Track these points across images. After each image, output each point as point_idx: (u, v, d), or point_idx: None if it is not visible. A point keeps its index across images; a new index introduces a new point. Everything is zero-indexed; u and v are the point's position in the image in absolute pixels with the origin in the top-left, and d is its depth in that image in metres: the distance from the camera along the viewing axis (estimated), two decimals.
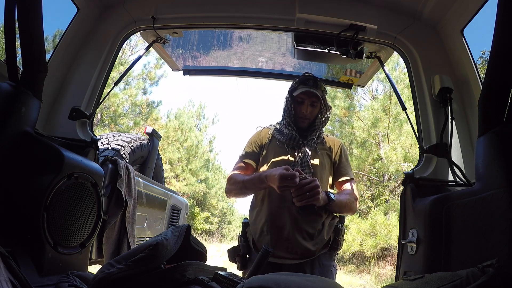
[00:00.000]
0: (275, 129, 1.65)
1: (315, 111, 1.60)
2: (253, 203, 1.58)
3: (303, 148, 1.54)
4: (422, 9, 1.49)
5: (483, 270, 0.69)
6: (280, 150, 1.57)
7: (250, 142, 1.68)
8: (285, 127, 1.61)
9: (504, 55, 0.85)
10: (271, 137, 1.65)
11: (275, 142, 1.61)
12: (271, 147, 1.61)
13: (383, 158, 9.00)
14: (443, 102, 1.42)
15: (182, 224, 0.86)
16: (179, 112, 17.41)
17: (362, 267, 8.70)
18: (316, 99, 1.56)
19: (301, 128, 1.61)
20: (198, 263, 0.81)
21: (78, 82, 1.55)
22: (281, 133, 1.60)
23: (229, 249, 1.54)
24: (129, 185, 1.97)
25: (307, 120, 1.60)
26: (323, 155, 1.60)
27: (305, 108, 1.57)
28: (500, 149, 0.84)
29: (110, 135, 3.09)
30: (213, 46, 1.90)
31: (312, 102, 1.57)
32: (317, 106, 1.59)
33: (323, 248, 1.44)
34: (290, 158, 1.54)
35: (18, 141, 1.09)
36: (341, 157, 1.65)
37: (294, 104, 1.60)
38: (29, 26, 1.07)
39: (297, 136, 1.56)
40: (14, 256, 0.73)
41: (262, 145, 1.64)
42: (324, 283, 0.70)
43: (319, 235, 1.42)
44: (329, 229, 1.46)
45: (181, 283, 0.73)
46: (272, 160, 1.56)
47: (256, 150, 1.63)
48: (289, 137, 1.57)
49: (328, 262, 1.46)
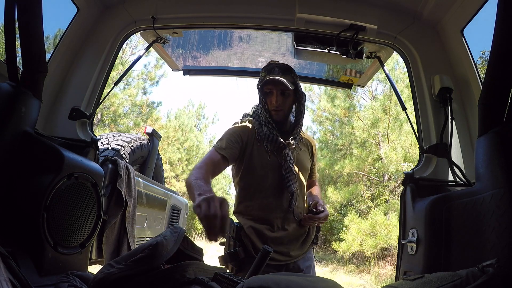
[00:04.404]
0: (257, 125, 1.48)
1: (288, 101, 1.45)
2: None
3: (285, 151, 1.42)
4: (422, 9, 1.49)
5: (483, 270, 0.69)
6: (263, 154, 1.44)
7: (231, 134, 1.44)
8: (264, 125, 1.46)
9: (504, 55, 0.85)
10: (255, 136, 1.47)
11: (258, 142, 1.45)
12: (256, 148, 1.45)
13: (383, 158, 8.99)
14: (443, 102, 1.42)
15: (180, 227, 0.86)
16: (179, 112, 17.40)
17: (362, 267, 8.69)
18: (285, 87, 1.40)
19: (279, 123, 1.47)
20: (198, 263, 0.81)
21: (78, 82, 1.55)
22: (261, 132, 1.45)
23: (223, 256, 1.41)
24: (129, 185, 1.97)
25: (280, 112, 1.45)
26: (304, 154, 1.55)
27: (275, 99, 1.42)
28: (500, 149, 0.84)
29: (110, 135, 3.09)
30: (213, 46, 1.90)
31: (281, 91, 1.42)
32: (289, 95, 1.44)
33: (311, 245, 1.53)
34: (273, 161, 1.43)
35: (18, 141, 1.09)
36: (315, 155, 1.63)
37: (264, 98, 1.46)
38: (29, 26, 1.07)
39: (278, 137, 1.43)
40: (14, 256, 0.73)
41: (246, 142, 1.45)
42: (324, 283, 0.70)
43: (308, 235, 1.49)
44: (313, 228, 1.53)
45: (181, 283, 0.73)
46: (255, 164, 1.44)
47: (238, 144, 1.41)
48: (270, 139, 1.43)
49: (311, 254, 1.56)
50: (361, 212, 9.43)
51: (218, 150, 1.36)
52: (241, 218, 1.46)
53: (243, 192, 1.48)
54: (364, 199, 9.80)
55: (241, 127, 1.48)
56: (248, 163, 1.44)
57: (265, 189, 1.43)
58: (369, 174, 9.83)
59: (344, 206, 10.18)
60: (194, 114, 18.47)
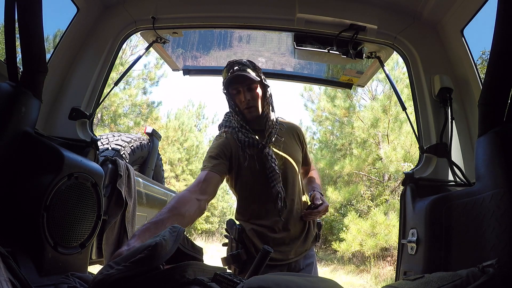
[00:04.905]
0: (234, 133, 1.44)
1: (257, 95, 1.41)
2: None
3: (265, 151, 1.38)
4: (422, 9, 1.49)
5: (483, 270, 0.69)
6: (249, 161, 1.40)
7: (213, 151, 1.41)
8: (238, 131, 1.42)
9: (504, 55, 0.85)
10: (236, 145, 1.42)
11: (240, 151, 1.41)
12: (242, 157, 1.40)
13: (383, 158, 9.00)
14: (443, 102, 1.42)
15: (179, 226, 0.85)
16: (179, 112, 17.43)
17: (362, 267, 8.70)
18: (251, 81, 1.37)
19: (255, 122, 1.43)
20: (197, 264, 0.81)
21: (78, 82, 1.54)
22: (239, 139, 1.41)
23: (226, 257, 1.41)
24: (129, 185, 1.97)
25: (253, 108, 1.41)
26: (292, 144, 1.50)
27: (243, 96, 1.38)
28: (500, 149, 0.84)
29: (110, 135, 3.09)
30: (213, 46, 1.90)
31: (248, 87, 1.38)
32: (255, 88, 1.40)
33: (312, 242, 1.52)
34: (260, 166, 1.39)
35: (18, 141, 1.09)
36: (304, 143, 1.58)
37: (233, 100, 1.42)
38: (29, 26, 1.06)
39: (254, 139, 1.39)
40: (14, 256, 0.73)
41: (231, 154, 1.41)
42: (324, 283, 0.70)
43: (309, 232, 1.49)
44: (314, 225, 1.53)
45: (180, 283, 0.73)
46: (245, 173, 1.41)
47: (222, 159, 1.38)
48: (248, 144, 1.39)
49: (313, 252, 1.55)
50: (361, 212, 9.44)
51: (206, 169, 1.33)
52: (242, 222, 1.46)
53: (240, 202, 1.49)
54: (364, 199, 9.81)
55: (220, 142, 1.44)
56: (238, 173, 1.43)
57: (259, 195, 1.41)
58: (369, 174, 9.84)
59: (344, 206, 10.19)
60: (194, 114, 18.49)
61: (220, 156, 1.38)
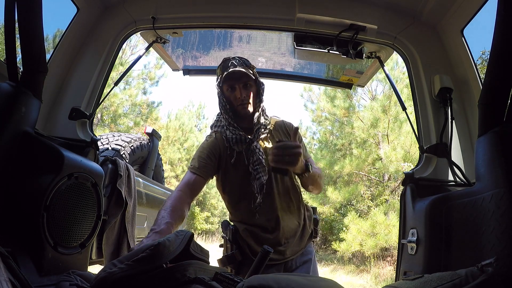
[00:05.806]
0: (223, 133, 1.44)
1: (252, 93, 1.42)
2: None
3: (253, 145, 1.38)
4: (422, 9, 1.49)
5: (482, 269, 0.69)
6: (237, 161, 1.41)
7: (201, 151, 1.43)
8: (226, 129, 1.42)
9: (504, 55, 0.85)
10: (225, 145, 1.43)
11: (228, 151, 1.42)
12: (229, 159, 1.42)
13: (383, 158, 9.00)
14: (443, 102, 1.42)
15: (187, 230, 0.87)
16: (179, 112, 17.43)
17: (362, 267, 8.70)
18: (247, 78, 1.38)
19: (246, 120, 1.43)
20: (199, 263, 0.81)
21: (78, 82, 1.54)
22: (227, 137, 1.42)
23: (221, 258, 1.42)
24: (129, 185, 1.97)
25: (247, 105, 1.40)
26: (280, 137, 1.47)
27: (239, 92, 1.38)
28: (500, 149, 0.84)
29: (110, 135, 3.09)
30: (213, 46, 1.90)
31: (244, 84, 1.39)
32: (251, 85, 1.41)
33: (309, 240, 1.51)
34: (246, 162, 1.40)
35: (18, 141, 1.09)
36: (299, 140, 1.51)
37: (226, 97, 1.42)
38: (29, 26, 1.06)
39: (242, 134, 1.39)
40: (14, 256, 0.72)
41: (219, 155, 1.42)
42: (324, 282, 0.71)
43: (304, 229, 1.48)
44: (310, 222, 1.52)
45: (181, 282, 0.73)
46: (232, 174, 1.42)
47: (210, 161, 1.40)
48: (235, 140, 1.39)
49: (311, 248, 1.54)
50: (361, 212, 9.44)
51: (192, 170, 1.37)
52: (236, 223, 1.47)
53: (230, 203, 1.49)
54: (364, 199, 9.81)
55: (210, 142, 1.45)
56: (226, 174, 1.44)
57: (247, 195, 1.41)
58: (369, 174, 9.84)
59: (344, 206, 10.19)
60: (194, 114, 18.49)
61: (209, 156, 1.41)
